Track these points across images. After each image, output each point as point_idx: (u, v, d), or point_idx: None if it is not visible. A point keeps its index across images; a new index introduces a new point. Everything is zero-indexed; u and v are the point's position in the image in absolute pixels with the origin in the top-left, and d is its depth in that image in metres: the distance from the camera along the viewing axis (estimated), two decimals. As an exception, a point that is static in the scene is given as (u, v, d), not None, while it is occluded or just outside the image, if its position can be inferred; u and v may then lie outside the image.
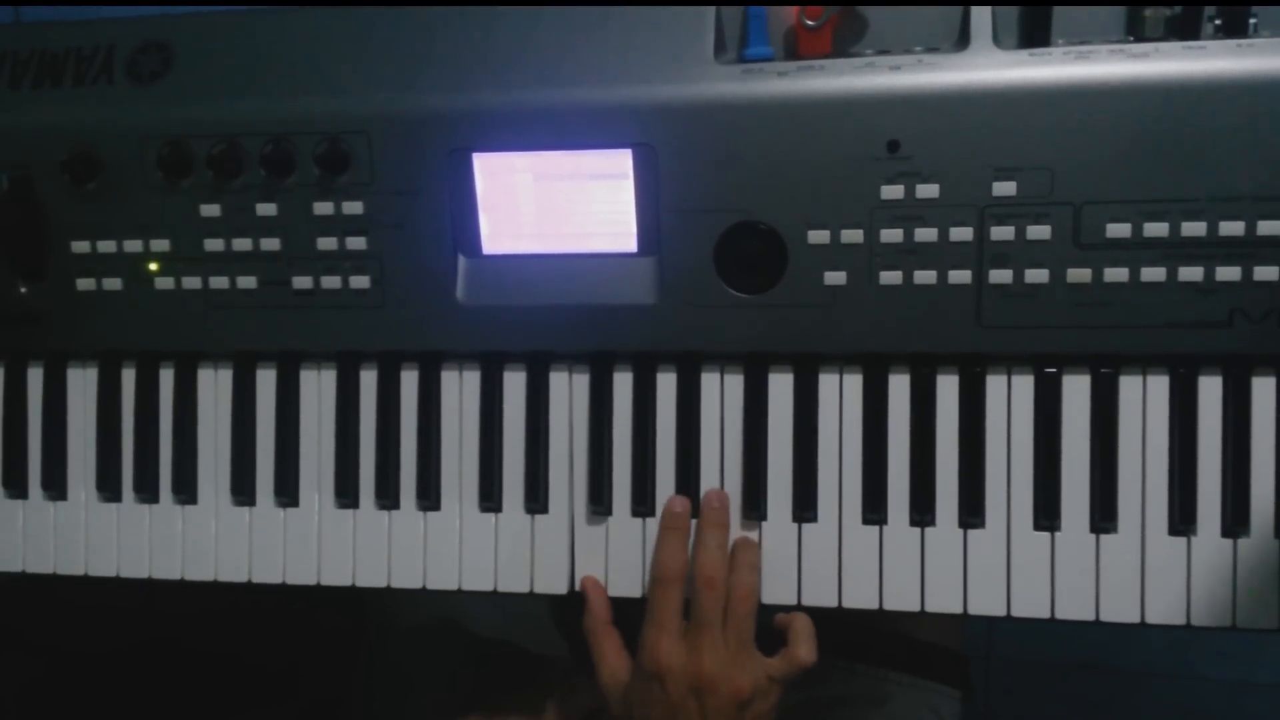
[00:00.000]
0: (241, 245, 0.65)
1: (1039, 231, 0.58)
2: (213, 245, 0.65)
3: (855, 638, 0.81)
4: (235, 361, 0.69)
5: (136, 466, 0.70)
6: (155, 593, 0.71)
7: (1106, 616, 0.61)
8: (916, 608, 0.63)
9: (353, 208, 0.64)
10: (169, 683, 0.85)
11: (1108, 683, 1.35)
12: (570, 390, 0.66)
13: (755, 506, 0.64)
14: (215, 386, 0.70)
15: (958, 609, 0.63)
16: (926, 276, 0.60)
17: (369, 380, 0.68)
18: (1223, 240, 0.57)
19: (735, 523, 0.65)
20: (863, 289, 0.60)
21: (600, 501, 0.66)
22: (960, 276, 0.60)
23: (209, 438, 0.70)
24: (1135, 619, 0.61)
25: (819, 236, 0.60)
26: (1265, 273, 0.57)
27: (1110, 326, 0.59)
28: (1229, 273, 0.57)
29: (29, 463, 0.71)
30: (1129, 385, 0.61)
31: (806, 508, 0.64)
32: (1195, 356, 0.60)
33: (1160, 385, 0.61)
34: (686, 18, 0.61)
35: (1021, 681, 1.36)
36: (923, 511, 0.63)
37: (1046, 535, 0.62)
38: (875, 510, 0.63)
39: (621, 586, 0.66)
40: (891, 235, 0.60)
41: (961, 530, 0.63)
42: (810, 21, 0.59)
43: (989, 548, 0.63)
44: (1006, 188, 0.58)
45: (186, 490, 0.70)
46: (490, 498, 0.67)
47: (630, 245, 0.64)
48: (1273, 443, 0.60)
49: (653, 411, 0.66)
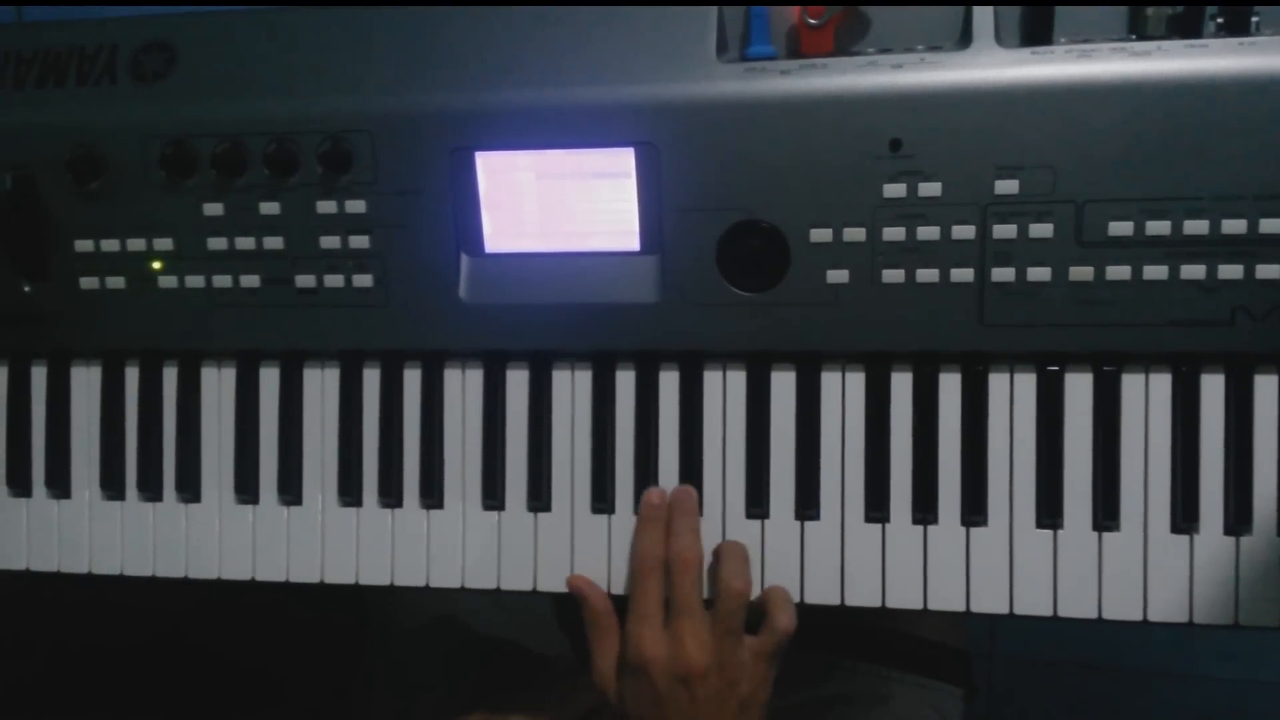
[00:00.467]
0: (245, 244, 0.65)
1: (1041, 230, 0.58)
2: (216, 244, 0.66)
3: (857, 636, 0.81)
4: (239, 360, 0.69)
5: (140, 465, 0.70)
6: (158, 591, 0.71)
7: (1109, 614, 0.61)
8: (919, 606, 0.63)
9: (356, 206, 0.64)
10: (170, 681, 0.85)
11: (1110, 681, 1.35)
12: (573, 389, 0.67)
13: (758, 504, 0.64)
14: (219, 385, 0.70)
15: (960, 607, 0.63)
16: (929, 275, 0.60)
17: (372, 379, 0.68)
18: (1225, 238, 0.57)
19: (738, 521, 0.65)
20: (865, 287, 0.61)
21: (603, 500, 0.66)
22: (962, 275, 0.60)
23: (212, 436, 0.70)
24: (1138, 617, 0.61)
25: (821, 235, 0.60)
26: (1267, 271, 0.57)
27: (1112, 325, 0.59)
28: (1231, 271, 0.57)
29: (33, 461, 0.71)
30: (1131, 383, 0.61)
31: (809, 506, 0.64)
32: (1197, 355, 0.60)
33: (1162, 383, 0.61)
34: (689, 17, 0.61)
35: (1024, 680, 1.36)
36: (925, 509, 0.63)
37: (1049, 533, 0.62)
38: (878, 508, 0.63)
39: (624, 585, 0.66)
40: (894, 233, 0.60)
41: (964, 528, 0.63)
42: (812, 20, 0.59)
43: (991, 546, 0.63)
44: (1009, 186, 0.58)
45: (190, 489, 0.70)
46: (493, 496, 0.67)
47: (633, 244, 0.64)
48: (1275, 441, 0.60)
49: (655, 410, 0.66)
